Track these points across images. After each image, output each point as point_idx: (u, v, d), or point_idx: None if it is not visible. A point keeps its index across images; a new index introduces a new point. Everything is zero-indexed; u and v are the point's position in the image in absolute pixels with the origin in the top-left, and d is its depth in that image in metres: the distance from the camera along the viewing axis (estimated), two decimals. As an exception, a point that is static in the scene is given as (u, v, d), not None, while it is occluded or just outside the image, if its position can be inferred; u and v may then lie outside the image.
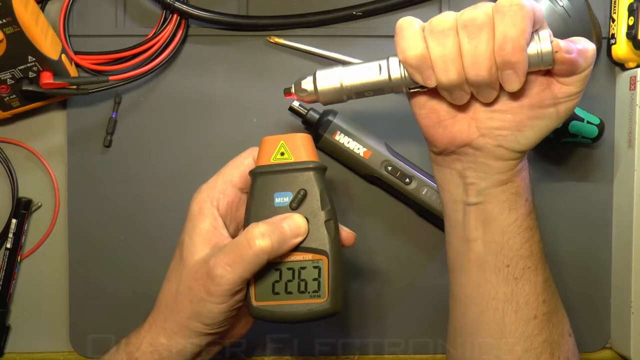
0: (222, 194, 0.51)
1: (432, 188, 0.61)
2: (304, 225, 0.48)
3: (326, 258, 0.47)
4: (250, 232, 0.47)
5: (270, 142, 0.50)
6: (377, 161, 0.61)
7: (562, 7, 0.61)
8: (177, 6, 0.63)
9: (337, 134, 0.61)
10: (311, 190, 0.48)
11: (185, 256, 0.49)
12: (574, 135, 0.62)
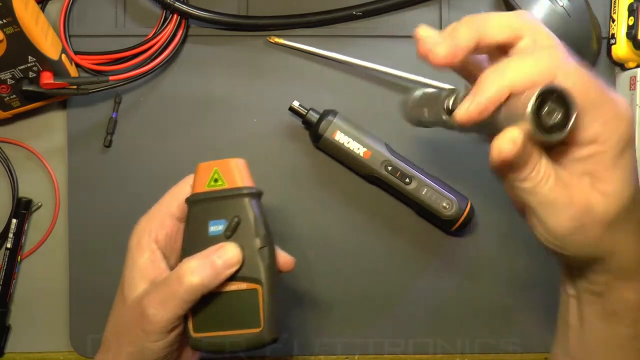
0: (160, 226, 0.49)
1: (432, 188, 0.61)
2: (236, 256, 0.46)
3: (260, 287, 0.46)
4: (181, 269, 0.46)
5: (205, 168, 0.48)
6: (377, 161, 0.61)
7: (562, 7, 0.61)
8: (177, 6, 0.63)
9: (337, 133, 0.61)
10: (245, 217, 0.47)
11: (126, 293, 0.48)
12: None
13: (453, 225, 0.61)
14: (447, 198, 0.61)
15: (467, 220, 0.62)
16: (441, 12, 0.66)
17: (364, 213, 0.65)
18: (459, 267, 0.65)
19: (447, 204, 0.61)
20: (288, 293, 0.64)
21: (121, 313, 0.48)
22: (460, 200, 0.61)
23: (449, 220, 0.61)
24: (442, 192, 0.61)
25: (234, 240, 0.46)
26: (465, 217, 0.61)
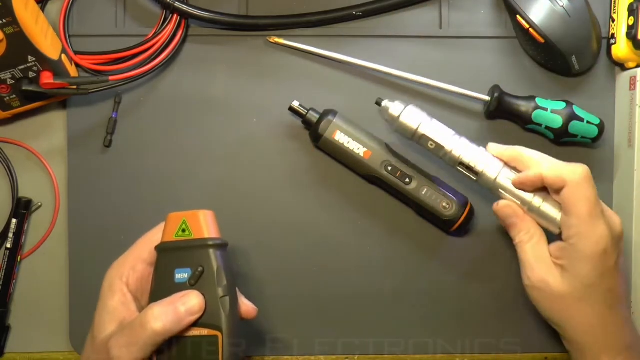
0: (132, 270, 0.52)
1: (432, 188, 0.61)
2: (198, 304, 0.49)
3: (220, 333, 0.48)
4: (145, 315, 0.48)
5: (174, 218, 0.51)
6: (377, 161, 0.61)
7: (562, 7, 0.61)
8: (177, 6, 0.63)
9: (337, 133, 0.61)
10: (208, 267, 0.49)
11: (95, 334, 0.50)
12: (573, 135, 0.62)
13: (453, 225, 0.61)
14: (447, 198, 0.61)
15: (467, 220, 0.61)
16: (441, 12, 0.66)
17: (364, 213, 0.65)
18: (459, 267, 0.65)
19: (447, 204, 0.61)
20: (288, 293, 0.64)
21: (90, 353, 0.50)
22: (460, 200, 0.61)
23: (449, 220, 0.61)
24: (442, 192, 0.61)
25: (198, 289, 0.49)
26: (465, 217, 0.61)
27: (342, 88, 0.65)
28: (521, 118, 0.63)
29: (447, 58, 0.65)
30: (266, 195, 0.65)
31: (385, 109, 0.61)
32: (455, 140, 0.58)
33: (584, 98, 0.65)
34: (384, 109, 0.61)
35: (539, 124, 0.62)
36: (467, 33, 0.65)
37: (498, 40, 0.65)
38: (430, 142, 0.59)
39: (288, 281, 0.64)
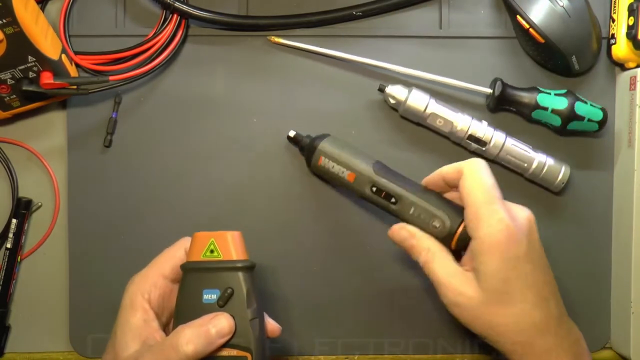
0: (154, 287, 0.52)
1: (420, 207, 0.57)
2: (229, 326, 0.49)
3: (250, 355, 0.49)
4: (176, 337, 0.48)
5: (201, 238, 0.51)
6: (362, 183, 0.59)
7: (562, 7, 0.61)
8: (177, 6, 0.63)
9: (322, 159, 0.60)
10: (238, 289, 0.50)
11: (117, 351, 0.50)
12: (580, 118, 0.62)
13: (450, 242, 0.56)
14: (438, 217, 0.56)
15: (462, 238, 0.55)
16: (441, 12, 0.66)
17: (365, 215, 0.65)
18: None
19: (438, 223, 0.56)
20: (288, 293, 0.64)
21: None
22: (454, 217, 0.56)
23: (444, 238, 0.56)
24: (432, 211, 0.56)
25: (227, 310, 0.49)
26: (460, 235, 0.55)
27: (343, 87, 0.65)
28: (525, 106, 0.63)
29: (447, 58, 0.65)
30: (265, 195, 0.65)
31: (389, 94, 0.62)
32: (460, 116, 0.62)
33: (585, 97, 0.65)
34: (389, 95, 0.63)
35: (545, 108, 0.62)
36: (467, 33, 0.65)
37: (498, 40, 0.65)
38: (439, 120, 0.62)
39: (287, 281, 0.64)
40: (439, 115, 0.62)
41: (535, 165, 0.63)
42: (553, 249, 0.65)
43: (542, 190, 0.65)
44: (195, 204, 0.64)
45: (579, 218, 0.66)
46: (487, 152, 0.63)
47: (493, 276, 0.50)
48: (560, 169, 0.63)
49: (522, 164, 0.63)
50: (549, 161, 0.63)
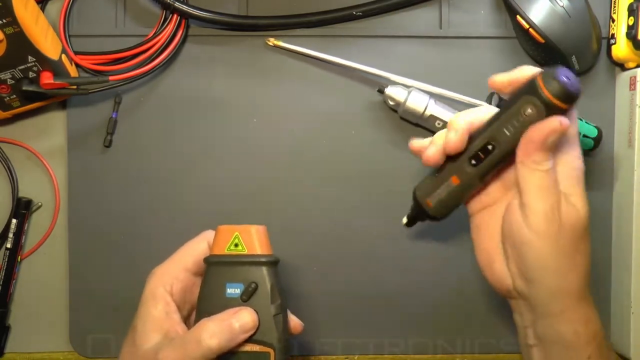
0: (176, 279, 0.51)
1: (507, 121, 0.50)
2: (252, 321, 0.48)
3: (273, 351, 0.49)
4: (199, 331, 0.47)
5: (225, 232, 0.51)
6: (464, 173, 0.52)
7: (562, 7, 0.61)
8: (177, 6, 0.63)
9: (429, 202, 0.54)
10: (262, 284, 0.49)
11: (138, 343, 0.49)
12: None
13: (553, 109, 0.47)
14: (524, 107, 0.48)
15: (555, 88, 0.47)
16: (441, 12, 0.66)
17: (365, 215, 0.65)
18: (459, 267, 0.65)
19: (529, 108, 0.48)
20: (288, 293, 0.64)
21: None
22: (530, 88, 0.48)
23: (547, 110, 0.48)
24: (516, 111, 0.49)
25: (250, 305, 0.49)
26: (551, 90, 0.47)
27: (343, 87, 0.65)
28: None
29: (447, 58, 0.65)
30: (265, 195, 0.65)
31: (389, 95, 0.63)
32: None
33: (584, 98, 0.64)
34: (388, 96, 0.63)
35: None
36: (467, 33, 0.65)
37: (498, 40, 0.65)
38: (437, 122, 0.62)
39: (287, 281, 0.64)
40: (438, 117, 0.62)
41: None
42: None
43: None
44: (195, 204, 0.64)
45: (579, 218, 0.66)
46: None
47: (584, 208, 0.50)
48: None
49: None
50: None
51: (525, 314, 0.51)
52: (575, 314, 0.50)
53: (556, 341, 0.50)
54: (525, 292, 0.50)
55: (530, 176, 0.48)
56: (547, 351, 0.51)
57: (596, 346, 0.50)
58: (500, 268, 0.51)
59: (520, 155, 0.48)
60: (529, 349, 0.52)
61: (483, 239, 0.53)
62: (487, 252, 0.52)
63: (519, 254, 0.49)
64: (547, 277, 0.49)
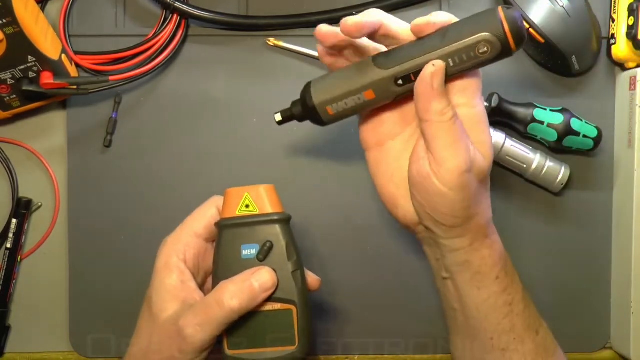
0: (188, 246, 0.51)
1: (456, 51, 0.47)
2: (272, 280, 0.48)
3: (295, 307, 0.49)
4: (220, 293, 0.47)
5: (235, 194, 0.50)
6: (384, 89, 0.49)
7: (562, 7, 0.61)
8: (177, 6, 0.63)
9: (330, 109, 0.51)
10: (277, 242, 0.49)
11: (155, 313, 0.49)
12: (568, 147, 0.63)
13: (508, 50, 0.47)
14: (479, 42, 0.46)
15: (516, 30, 0.46)
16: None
17: (365, 215, 0.65)
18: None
19: (484, 46, 0.46)
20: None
21: (152, 332, 0.49)
22: (489, 24, 0.46)
23: (499, 54, 0.47)
24: (469, 43, 0.47)
25: (267, 264, 0.49)
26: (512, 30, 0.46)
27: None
28: (521, 121, 0.63)
29: (447, 58, 0.65)
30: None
31: None
32: None
33: (584, 98, 0.65)
34: None
35: (541, 122, 0.62)
36: (467, 33, 0.65)
37: (498, 40, 0.65)
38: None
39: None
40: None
41: (534, 166, 0.63)
42: (553, 249, 0.66)
43: (542, 190, 0.65)
44: (194, 204, 0.64)
45: (579, 218, 0.66)
46: None
47: None
48: (560, 169, 0.63)
49: (521, 164, 0.63)
50: (548, 162, 0.63)
51: (434, 248, 0.52)
52: (481, 244, 0.50)
53: (465, 269, 0.50)
54: (433, 231, 0.50)
55: (438, 131, 0.46)
56: (457, 279, 0.51)
57: (502, 266, 0.51)
58: (405, 207, 0.51)
59: (421, 112, 0.47)
60: (444, 282, 0.53)
61: (383, 178, 0.52)
62: (389, 191, 0.51)
63: (428, 203, 0.48)
64: (457, 222, 0.49)
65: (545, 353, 0.53)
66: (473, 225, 0.49)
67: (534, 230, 0.65)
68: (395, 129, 0.51)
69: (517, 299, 0.52)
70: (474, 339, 0.53)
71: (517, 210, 0.65)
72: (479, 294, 0.51)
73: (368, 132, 0.52)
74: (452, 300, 0.53)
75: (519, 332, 0.52)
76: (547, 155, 0.64)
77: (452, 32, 0.47)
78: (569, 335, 0.65)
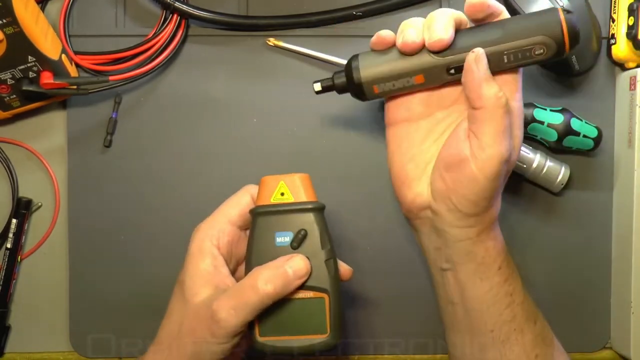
0: (222, 233, 0.51)
1: (513, 49, 0.48)
2: (306, 267, 0.49)
3: (327, 296, 0.49)
4: (254, 278, 0.48)
5: (270, 182, 0.51)
6: (436, 75, 0.50)
7: (562, 7, 0.61)
8: (177, 6, 0.63)
9: (377, 88, 0.51)
10: (311, 230, 0.50)
11: (188, 297, 0.49)
12: (568, 147, 0.63)
13: (563, 51, 0.48)
14: (536, 43, 0.48)
15: (573, 33, 0.47)
16: (441, 12, 0.65)
17: (365, 215, 0.65)
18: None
19: (540, 48, 0.48)
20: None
21: (183, 316, 0.50)
22: (547, 25, 0.47)
23: (555, 54, 0.48)
24: (526, 43, 0.48)
25: (301, 252, 0.49)
26: (570, 33, 0.47)
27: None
28: None
29: (447, 58, 0.65)
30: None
31: None
32: None
33: (584, 98, 0.65)
34: None
35: (541, 122, 0.62)
36: (467, 33, 0.65)
37: (498, 40, 0.65)
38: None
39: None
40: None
41: (534, 166, 0.63)
42: (553, 249, 0.66)
43: (542, 190, 0.65)
44: (194, 204, 0.64)
45: (579, 218, 0.66)
46: None
47: None
48: (560, 169, 0.63)
49: (521, 164, 0.63)
50: (548, 162, 0.63)
51: (432, 236, 0.52)
52: (487, 236, 0.51)
53: (469, 260, 0.51)
54: (445, 218, 0.50)
55: (492, 117, 0.47)
56: (459, 271, 0.51)
57: (504, 256, 0.52)
58: (418, 189, 0.51)
59: (474, 101, 0.47)
60: (443, 273, 0.53)
61: (403, 156, 0.52)
62: (405, 170, 0.52)
63: (457, 187, 0.48)
64: (476, 211, 0.49)
65: (544, 343, 0.53)
66: (487, 217, 0.50)
67: (534, 230, 0.65)
68: (427, 109, 0.51)
69: (517, 289, 0.52)
70: (474, 334, 0.53)
71: (516, 210, 0.65)
72: (482, 285, 0.51)
73: (397, 108, 0.52)
74: (452, 293, 0.53)
75: (519, 323, 0.52)
76: (547, 155, 0.64)
77: (511, 27, 0.48)
78: (569, 335, 0.65)
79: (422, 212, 0.51)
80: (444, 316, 0.55)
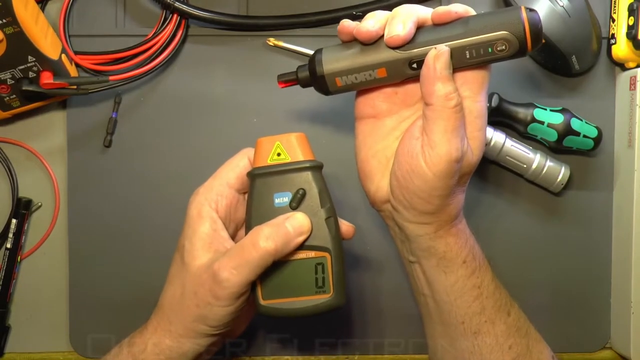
0: (220, 196, 0.51)
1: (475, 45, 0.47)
2: (307, 223, 0.48)
3: (329, 255, 0.48)
4: (254, 235, 0.47)
5: (266, 143, 0.51)
6: (397, 69, 0.49)
7: (562, 7, 0.61)
8: (177, 6, 0.63)
9: (339, 80, 0.51)
10: (310, 189, 0.49)
11: (188, 261, 0.49)
12: (568, 147, 0.63)
13: (524, 50, 0.47)
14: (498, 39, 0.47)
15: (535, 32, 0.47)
16: (441, 12, 0.65)
17: (365, 215, 0.65)
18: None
19: (501, 44, 0.47)
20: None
21: (184, 280, 0.49)
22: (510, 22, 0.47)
23: (516, 53, 0.48)
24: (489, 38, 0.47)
25: (300, 211, 0.49)
26: (530, 29, 0.46)
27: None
28: (521, 121, 0.63)
29: (447, 58, 0.65)
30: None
31: None
32: None
33: (584, 98, 0.65)
34: None
35: (541, 122, 0.62)
36: (467, 33, 0.65)
37: (498, 40, 0.65)
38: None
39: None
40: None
41: (535, 166, 0.63)
42: (553, 249, 0.66)
43: (542, 190, 0.65)
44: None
45: (579, 218, 0.66)
46: (487, 152, 0.63)
47: None
48: (560, 169, 0.63)
49: (521, 164, 0.63)
50: (548, 162, 0.63)
51: (396, 229, 0.52)
52: (446, 232, 0.50)
53: (430, 255, 0.51)
54: (401, 213, 0.50)
55: (439, 116, 0.46)
56: (423, 264, 0.51)
57: (469, 250, 0.51)
58: (379, 184, 0.51)
59: (426, 96, 0.47)
60: (411, 265, 0.53)
61: (367, 151, 0.52)
62: (368, 165, 0.52)
63: (408, 183, 0.48)
64: (429, 209, 0.49)
65: (518, 333, 0.53)
66: (443, 215, 0.50)
67: (534, 230, 0.65)
68: (392, 107, 0.51)
69: (486, 281, 0.52)
70: (446, 324, 0.53)
71: (517, 210, 0.65)
72: (447, 278, 0.51)
73: (365, 102, 0.52)
74: (422, 285, 0.53)
75: (489, 314, 0.52)
76: (547, 155, 0.64)
77: (473, 24, 0.47)
78: (569, 335, 0.65)
79: (383, 206, 0.51)
80: (418, 307, 0.56)
